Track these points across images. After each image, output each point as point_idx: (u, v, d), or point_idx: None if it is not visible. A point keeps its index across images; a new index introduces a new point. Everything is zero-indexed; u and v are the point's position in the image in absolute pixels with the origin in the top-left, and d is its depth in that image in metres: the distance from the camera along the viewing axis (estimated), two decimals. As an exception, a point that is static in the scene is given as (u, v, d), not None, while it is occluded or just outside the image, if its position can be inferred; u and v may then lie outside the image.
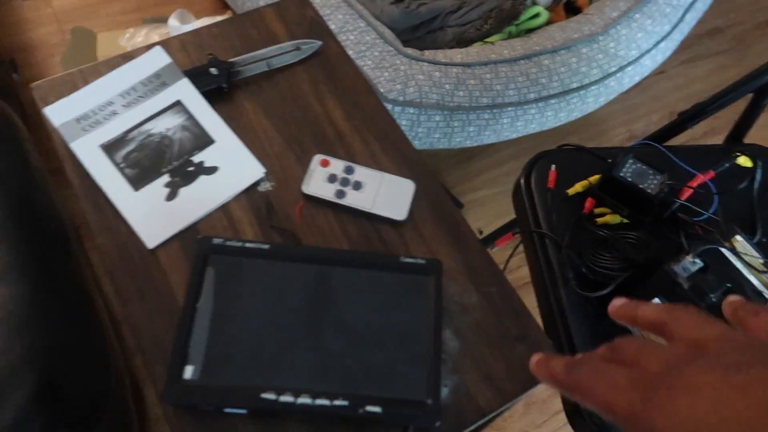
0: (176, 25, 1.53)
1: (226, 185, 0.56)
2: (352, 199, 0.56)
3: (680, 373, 0.25)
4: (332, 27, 1.29)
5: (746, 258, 0.68)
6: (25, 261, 0.84)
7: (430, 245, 0.55)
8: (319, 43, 0.65)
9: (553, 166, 0.93)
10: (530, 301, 0.69)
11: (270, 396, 0.45)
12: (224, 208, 0.56)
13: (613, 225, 0.88)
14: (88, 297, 0.89)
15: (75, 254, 0.94)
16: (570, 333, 0.81)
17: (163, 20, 1.54)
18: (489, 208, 1.46)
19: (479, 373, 0.50)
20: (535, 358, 0.32)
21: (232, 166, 0.57)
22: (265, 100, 0.61)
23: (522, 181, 0.94)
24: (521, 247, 0.95)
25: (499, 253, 1.31)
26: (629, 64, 1.42)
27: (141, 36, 1.58)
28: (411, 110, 1.26)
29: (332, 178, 0.57)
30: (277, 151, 0.59)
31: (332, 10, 1.31)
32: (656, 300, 0.72)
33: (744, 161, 0.92)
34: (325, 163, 0.58)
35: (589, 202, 0.89)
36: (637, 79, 1.46)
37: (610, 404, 0.26)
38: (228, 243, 0.51)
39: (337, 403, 0.46)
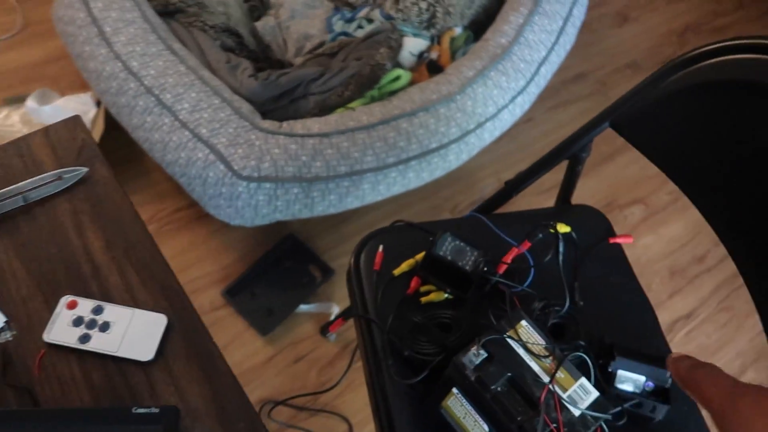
0: (35, 107, 1.49)
1: (-39, 340, 0.54)
2: (97, 343, 0.55)
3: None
4: (185, 106, 1.29)
5: (529, 345, 0.71)
6: None
7: (179, 383, 0.55)
8: (84, 170, 0.64)
9: (381, 247, 0.95)
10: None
11: None
12: (-42, 365, 0.54)
13: (438, 303, 0.90)
14: None
15: None
16: (392, 421, 0.82)
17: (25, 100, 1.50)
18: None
19: None
20: (674, 356, 0.45)
21: (-31, 319, 0.55)
22: (18, 239, 0.60)
23: (351, 264, 0.96)
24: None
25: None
26: (487, 120, 1.48)
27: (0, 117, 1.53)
28: (267, 185, 1.26)
29: (78, 321, 0.56)
30: (25, 294, 0.58)
31: (185, 89, 1.31)
32: (454, 389, 0.73)
33: (562, 228, 0.96)
34: (72, 305, 0.57)
35: (414, 282, 0.91)
36: (497, 133, 1.52)
37: (710, 400, 0.40)
38: (-56, 412, 0.49)
39: None
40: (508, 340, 0.71)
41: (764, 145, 0.73)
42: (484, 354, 0.70)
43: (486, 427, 0.71)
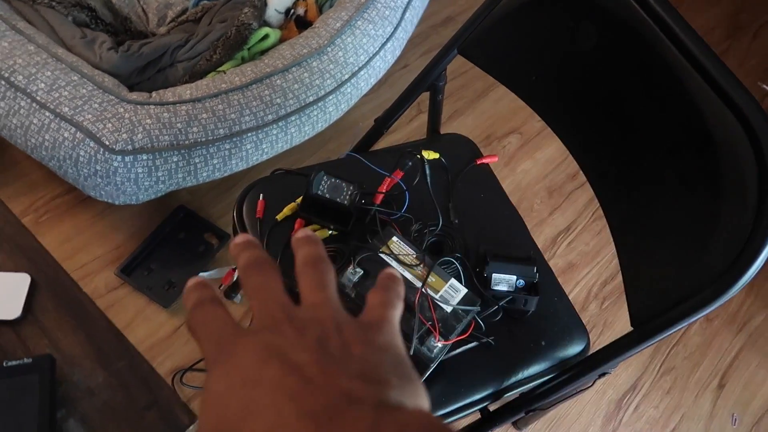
0: None
1: None
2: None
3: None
4: (41, 86, 1.23)
5: (401, 257, 0.76)
6: None
7: (53, 335, 0.55)
8: None
9: (261, 195, 0.97)
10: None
11: None
12: None
13: (324, 240, 0.94)
14: None
15: None
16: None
17: None
18: (262, 231, 1.49)
19: (111, 453, 0.51)
20: (190, 283, 0.32)
21: None
22: None
23: (234, 215, 0.97)
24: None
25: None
26: (360, 69, 1.51)
27: None
28: (144, 156, 1.24)
29: (-68, 293, 0.55)
30: None
31: (38, 68, 1.24)
32: (341, 310, 0.78)
33: (429, 155, 1.02)
34: (-77, 278, 0.55)
35: (298, 224, 0.94)
36: (372, 81, 1.56)
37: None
38: None
39: None
40: (381, 255, 0.76)
41: (578, 49, 0.82)
42: (360, 272, 0.75)
43: (373, 338, 0.77)
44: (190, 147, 1.28)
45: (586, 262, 1.58)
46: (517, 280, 0.89)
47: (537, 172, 1.68)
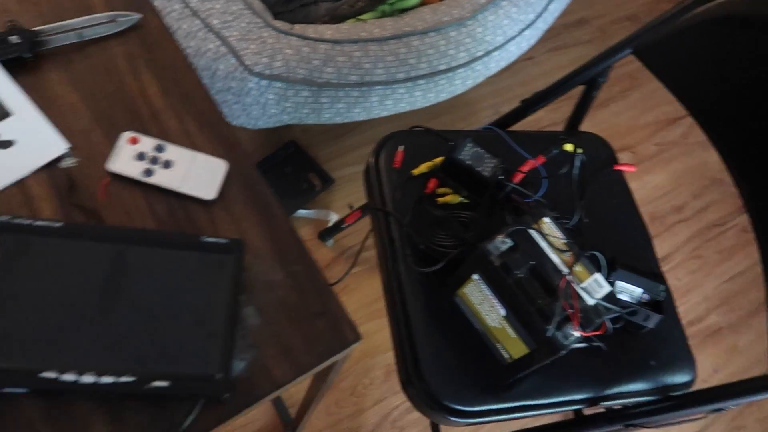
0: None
1: (23, 161, 0.54)
2: (161, 178, 0.56)
3: None
4: (198, -5, 1.25)
5: (550, 239, 0.75)
6: None
7: (240, 224, 0.57)
8: (138, 16, 0.63)
9: (401, 147, 0.97)
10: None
11: (50, 375, 0.45)
12: (20, 185, 0.54)
13: (453, 204, 0.93)
14: None
15: None
16: (405, 306, 0.86)
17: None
18: (360, 185, 1.49)
19: (278, 348, 0.53)
20: None
21: (31, 141, 0.55)
22: (74, 73, 0.59)
23: (371, 160, 0.98)
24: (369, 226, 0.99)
25: (358, 234, 1.36)
26: (495, 49, 1.49)
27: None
28: (278, 84, 1.25)
29: (141, 156, 0.56)
30: (85, 126, 0.57)
31: (198, -23, 1.26)
32: (475, 276, 0.78)
33: (569, 147, 1.00)
34: (134, 141, 0.57)
35: (432, 183, 0.94)
36: (503, 64, 1.53)
37: None
38: (15, 221, 0.49)
39: (123, 379, 0.46)
40: (532, 232, 0.75)
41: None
42: (509, 243, 0.74)
43: (503, 311, 0.76)
44: (321, 86, 1.29)
45: (675, 297, 1.53)
46: (642, 293, 0.87)
47: (643, 195, 1.64)
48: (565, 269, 0.73)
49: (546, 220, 0.77)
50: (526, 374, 0.79)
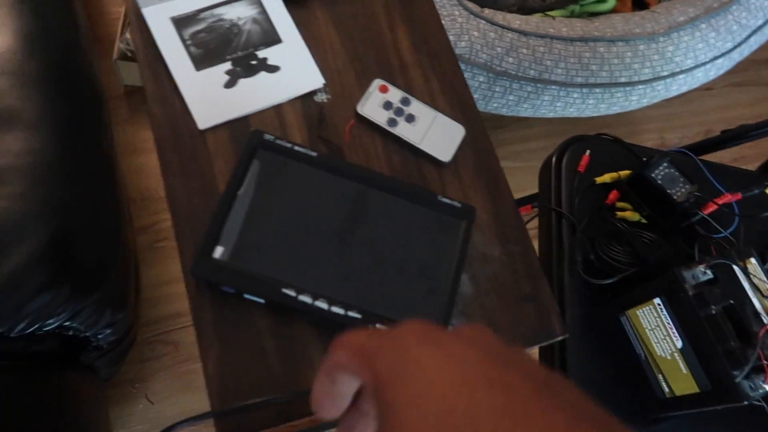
0: None
1: (285, 87, 0.56)
2: (403, 130, 0.57)
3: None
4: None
5: (755, 280, 0.70)
6: (57, 116, 0.84)
7: (467, 192, 0.57)
8: (402, -31, 0.64)
9: (588, 152, 0.94)
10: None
11: (290, 292, 0.47)
12: (277, 109, 0.56)
13: (631, 222, 0.90)
14: (110, 166, 0.90)
15: (105, 123, 0.95)
16: (563, 312, 0.83)
17: None
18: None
19: (485, 322, 0.52)
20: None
21: (294, 70, 0.57)
22: (337, 14, 0.61)
23: (554, 158, 0.95)
24: (533, 223, 0.97)
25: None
26: (681, 72, 1.41)
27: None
28: (458, 64, 1.25)
29: (388, 105, 0.57)
30: (340, 66, 0.59)
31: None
32: (656, 300, 0.74)
33: (771, 192, 0.93)
34: (383, 89, 0.58)
35: (613, 194, 0.91)
36: (684, 89, 1.45)
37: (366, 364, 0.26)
38: (278, 141, 0.52)
39: (350, 314, 0.48)
40: (737, 269, 0.70)
41: None
42: (709, 274, 0.70)
43: (679, 343, 0.72)
44: (498, 74, 1.27)
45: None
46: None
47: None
48: (764, 317, 0.68)
49: (753, 260, 0.72)
50: (683, 414, 0.75)
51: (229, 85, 0.56)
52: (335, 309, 0.48)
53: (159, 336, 1.16)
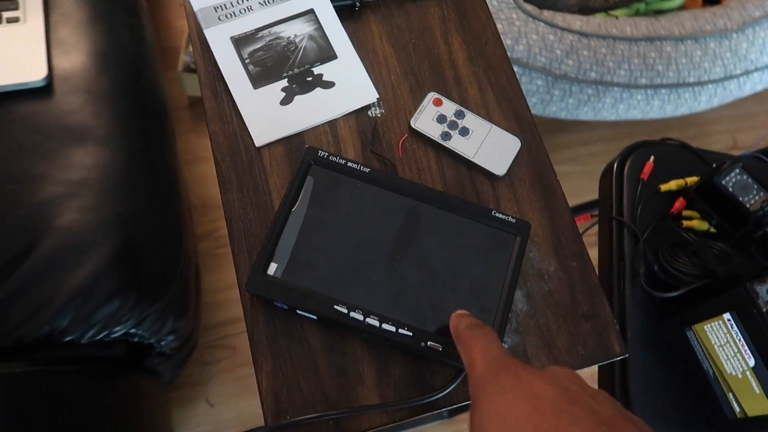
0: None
1: (339, 102, 0.57)
2: (456, 144, 0.56)
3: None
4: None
5: (835, 299, 0.65)
6: (126, 130, 0.88)
7: (522, 206, 0.55)
8: (457, -21, 0.63)
9: (652, 158, 0.90)
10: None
11: (342, 309, 0.48)
12: (332, 124, 0.57)
13: (699, 231, 0.85)
14: (174, 176, 0.94)
15: (169, 134, 0.99)
16: (624, 326, 0.80)
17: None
18: (564, 185, 1.43)
19: (541, 340, 0.51)
20: (459, 312, 0.43)
21: (349, 85, 0.58)
22: (392, 27, 0.61)
23: (615, 165, 0.92)
24: (592, 230, 0.94)
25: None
26: (757, 70, 1.33)
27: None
28: (515, 68, 1.22)
29: (441, 119, 0.57)
30: (394, 80, 0.59)
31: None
32: (726, 315, 0.70)
33: None
34: (438, 102, 0.58)
35: (679, 203, 0.87)
36: (759, 88, 1.37)
37: (474, 362, 0.37)
38: (331, 158, 0.52)
39: (402, 331, 0.48)
40: (816, 286, 0.66)
41: None
42: (784, 291, 0.66)
43: (752, 362, 0.68)
44: (557, 77, 1.24)
45: None
46: None
47: None
48: None
49: (833, 277, 0.67)
50: (756, 437, 0.71)
51: (285, 102, 0.57)
52: (386, 326, 0.48)
53: (218, 340, 1.20)
